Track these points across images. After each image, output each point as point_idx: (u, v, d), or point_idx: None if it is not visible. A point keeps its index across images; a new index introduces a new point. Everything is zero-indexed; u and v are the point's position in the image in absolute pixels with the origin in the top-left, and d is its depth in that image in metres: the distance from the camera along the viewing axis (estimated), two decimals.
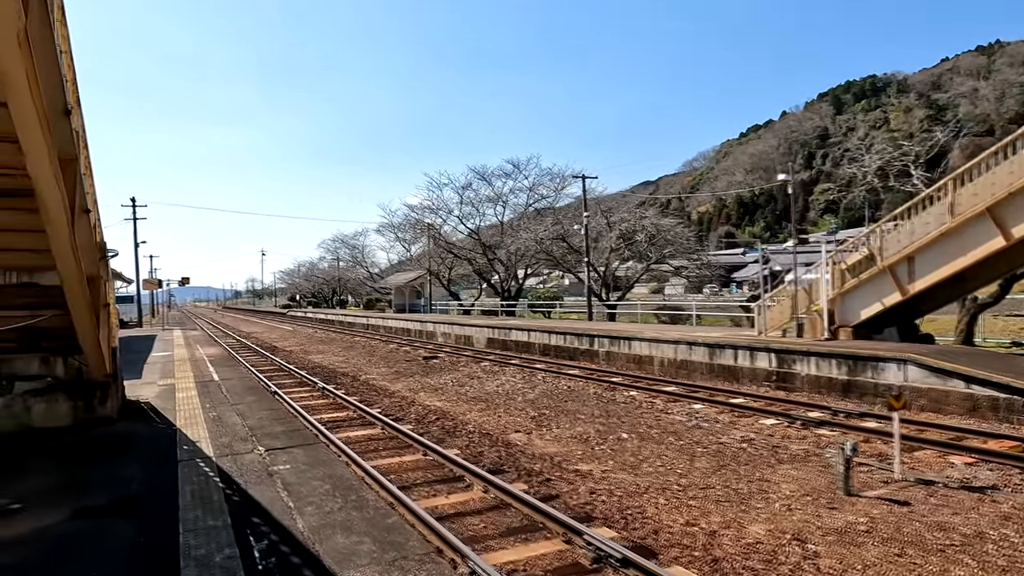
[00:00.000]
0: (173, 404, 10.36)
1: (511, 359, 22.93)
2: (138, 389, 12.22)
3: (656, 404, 13.84)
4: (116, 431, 8.27)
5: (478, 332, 29.30)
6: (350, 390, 16.95)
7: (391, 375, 20.28)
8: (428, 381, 18.61)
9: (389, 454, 9.95)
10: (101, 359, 7.93)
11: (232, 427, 8.35)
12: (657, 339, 18.47)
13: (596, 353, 21.04)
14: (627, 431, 11.37)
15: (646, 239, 28.97)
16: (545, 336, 24.02)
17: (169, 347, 24.75)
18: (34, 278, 7.39)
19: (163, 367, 16.68)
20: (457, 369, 21.08)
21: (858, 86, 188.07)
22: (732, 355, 15.93)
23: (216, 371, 15.50)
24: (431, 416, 13.07)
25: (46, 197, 5.37)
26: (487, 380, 18.25)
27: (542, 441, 10.87)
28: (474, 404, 14.59)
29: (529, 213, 39.68)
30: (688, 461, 9.31)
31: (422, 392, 16.69)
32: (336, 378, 19.56)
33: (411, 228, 48.36)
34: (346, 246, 72.51)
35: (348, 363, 24.20)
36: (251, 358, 24.77)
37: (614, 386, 16.20)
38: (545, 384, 17.11)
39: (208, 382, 13.21)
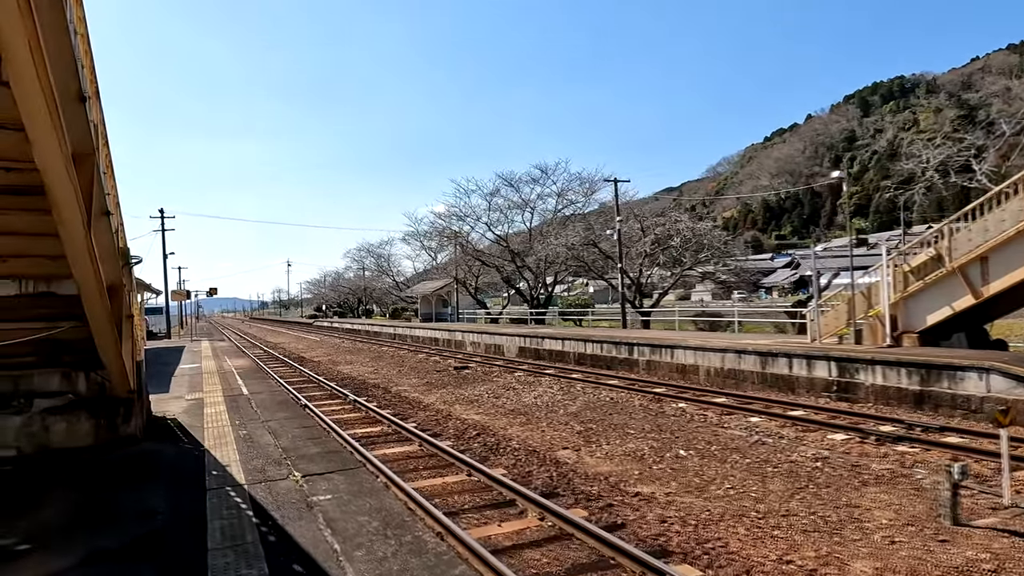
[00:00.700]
0: (201, 421, 9.76)
1: (545, 369, 22.13)
2: (165, 404, 11.67)
3: (709, 417, 12.94)
4: (140, 452, 7.66)
5: (509, 341, 28.55)
6: (382, 403, 16.30)
7: (423, 386, 19.61)
8: (462, 393, 17.89)
9: (431, 474, 9.22)
10: (124, 374, 7.32)
11: (264, 448, 7.69)
12: (702, 347, 17.54)
13: (636, 362, 20.15)
14: (684, 447, 10.51)
15: (681, 243, 28.02)
16: (580, 345, 23.18)
17: (197, 359, 24.39)
18: (51, 287, 6.82)
19: (191, 380, 16.19)
20: (490, 380, 20.33)
21: (885, 87, 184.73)
22: (787, 364, 14.96)
23: (245, 384, 14.95)
24: (470, 431, 12.32)
25: (57, 194, 4.74)
26: (523, 391, 17.47)
27: (593, 459, 10.06)
28: (513, 418, 13.83)
29: (558, 219, 38.90)
30: (760, 482, 8.43)
31: (457, 405, 15.97)
32: (367, 390, 18.94)
33: (437, 236, 47.86)
34: (371, 255, 72.41)
35: (378, 374, 23.60)
36: (280, 369, 24.31)
37: (660, 397, 15.32)
38: (586, 395, 16.27)
39: (237, 396, 12.63)
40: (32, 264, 6.55)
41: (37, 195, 5.15)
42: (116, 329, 6.83)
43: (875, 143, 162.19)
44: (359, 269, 76.82)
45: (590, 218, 34.19)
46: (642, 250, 29.51)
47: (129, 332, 7.86)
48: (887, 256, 14.95)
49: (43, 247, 6.17)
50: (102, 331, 6.49)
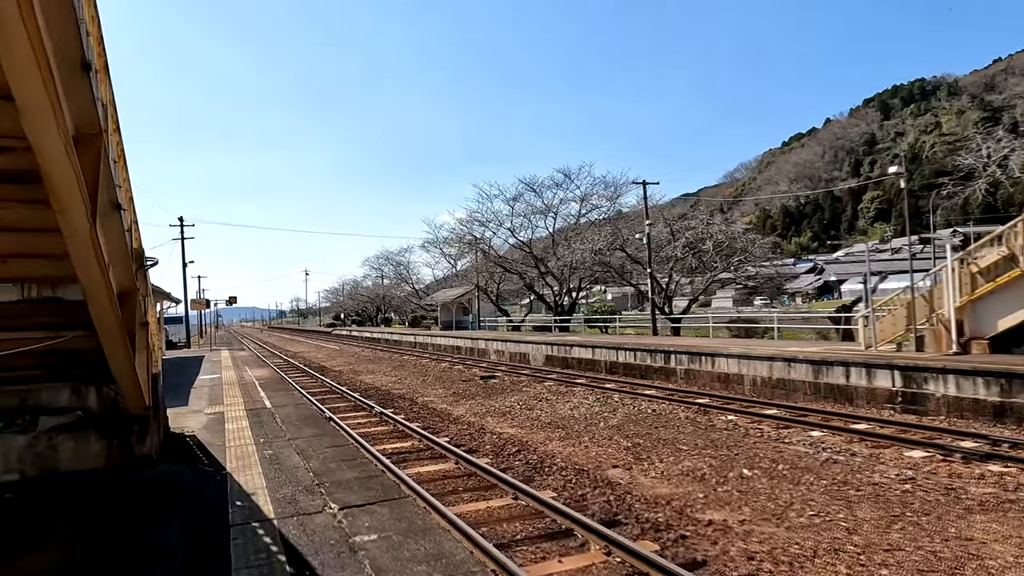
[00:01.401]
0: (222, 438, 8.99)
1: (576, 378, 21.21)
2: (184, 419, 10.93)
3: (765, 431, 11.96)
4: (156, 476, 6.89)
5: (535, 349, 27.66)
6: (410, 415, 15.50)
7: (450, 397, 18.78)
8: (492, 404, 17.04)
9: (472, 497, 8.37)
10: (138, 389, 6.56)
11: (293, 471, 6.89)
12: (747, 355, 16.54)
13: (673, 371, 19.17)
14: (747, 466, 9.56)
15: (713, 247, 27.01)
16: (612, 353, 22.24)
17: (217, 369, 23.77)
18: (57, 291, 6.08)
19: (211, 392, 15.49)
20: (520, 390, 19.45)
21: (906, 90, 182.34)
22: (843, 373, 13.93)
23: (267, 396, 14.21)
24: (508, 447, 11.45)
25: (55, 178, 3.98)
26: (557, 403, 16.57)
27: (648, 479, 9.15)
28: (551, 431, 12.95)
29: (581, 224, 37.98)
30: (846, 509, 7.48)
31: (488, 417, 15.12)
32: (392, 401, 18.15)
33: (458, 242, 47.15)
34: (390, 263, 71.90)
35: (401, 384, 22.83)
36: (301, 379, 23.62)
37: (705, 409, 14.35)
38: (625, 407, 15.34)
39: (260, 410, 11.87)
40: (35, 265, 5.81)
41: (38, 183, 4.40)
42: (129, 339, 6.06)
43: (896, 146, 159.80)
44: (378, 277, 76.42)
45: (617, 222, 33.22)
46: (672, 254, 28.50)
47: (144, 342, 7.10)
48: (952, 256, 13.87)
49: (46, 245, 5.43)
50: (112, 341, 5.73)
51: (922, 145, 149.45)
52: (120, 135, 6.10)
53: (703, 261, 28.38)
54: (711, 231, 27.30)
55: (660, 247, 29.80)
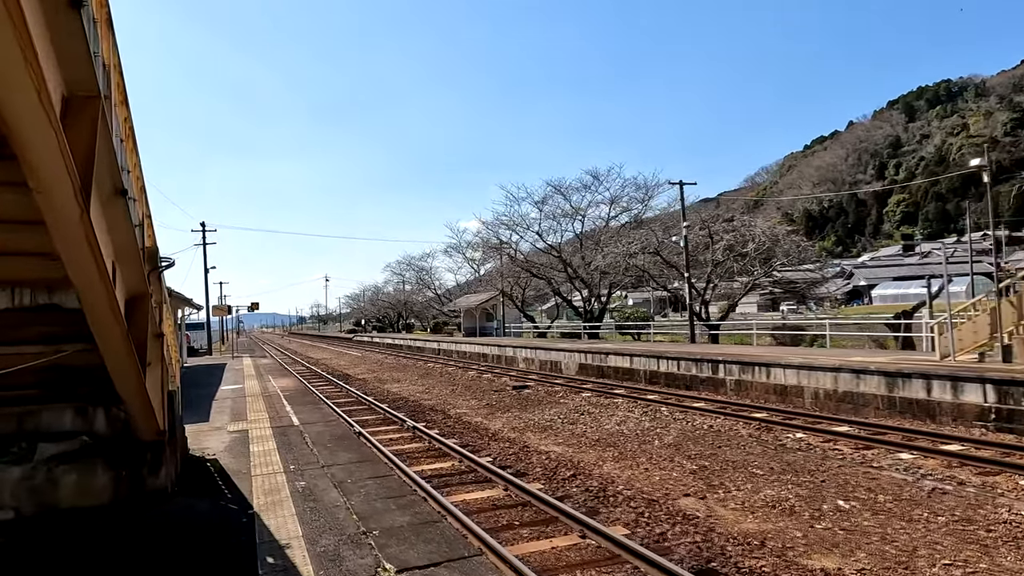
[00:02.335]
0: (247, 463, 7.98)
1: (615, 389, 20.03)
2: (204, 438, 9.96)
3: (846, 453, 10.72)
4: (170, 515, 5.87)
5: (567, 357, 26.49)
6: (444, 429, 14.44)
7: (484, 409, 17.70)
8: (530, 417, 15.92)
9: (531, 533, 7.27)
10: (150, 411, 5.56)
11: (332, 511, 5.82)
12: (808, 366, 15.26)
13: (722, 382, 17.91)
14: (840, 496, 8.35)
15: (755, 250, 25.66)
16: (652, 362, 21.02)
17: (239, 378, 22.93)
18: (55, 298, 5.10)
19: (234, 405, 14.56)
20: (557, 402, 18.32)
21: (931, 91, 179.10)
22: (923, 386, 12.62)
23: (294, 410, 13.23)
24: (560, 469, 10.32)
25: (27, 141, 2.95)
26: (601, 416, 15.42)
27: (729, 511, 7.98)
28: (602, 450, 11.81)
29: (611, 228, 36.76)
30: (984, 556, 6.26)
31: (529, 432, 14.00)
32: (423, 413, 17.12)
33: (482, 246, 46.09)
34: (412, 268, 71.09)
35: (430, 394, 21.80)
36: (326, 389, 22.70)
37: (768, 425, 13.12)
38: (677, 422, 14.15)
39: (287, 428, 10.86)
40: (26, 266, 4.82)
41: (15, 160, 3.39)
42: (138, 353, 5.05)
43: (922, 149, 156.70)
44: (399, 283, 75.68)
45: (650, 225, 31.94)
46: (711, 258, 27.17)
47: (158, 356, 6.10)
48: None
49: (38, 240, 4.40)
50: (116, 356, 4.73)
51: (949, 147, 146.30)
52: (129, 110, 5.09)
53: (744, 265, 27.04)
54: (753, 232, 25.97)
55: (696, 250, 28.53)
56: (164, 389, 6.35)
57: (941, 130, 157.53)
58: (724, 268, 27.68)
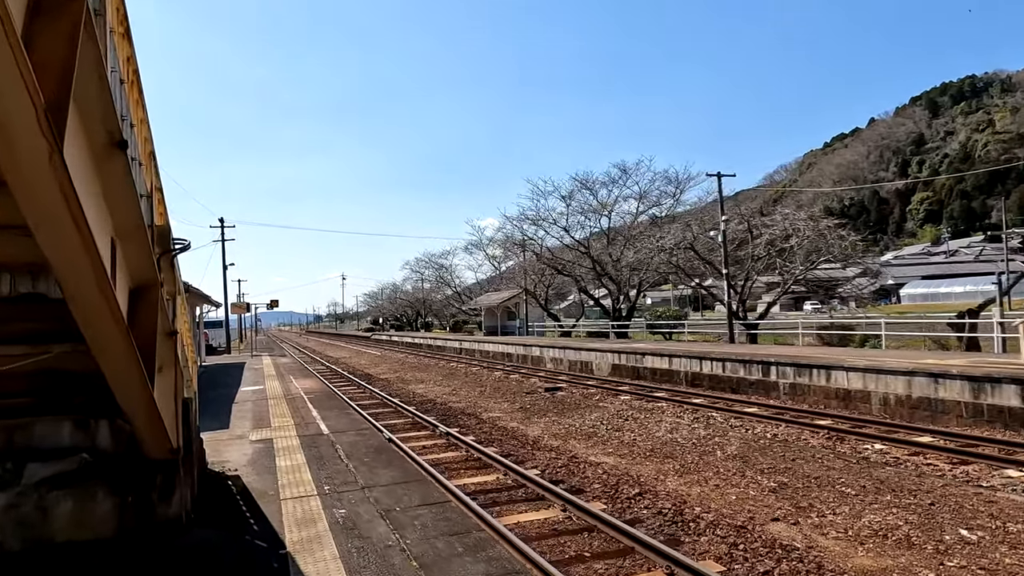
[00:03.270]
0: (274, 481, 6.94)
1: (654, 391, 18.87)
2: (225, 449, 8.95)
3: (942, 469, 9.49)
4: (184, 555, 4.83)
5: (599, 358, 25.32)
6: (480, 436, 13.38)
7: (518, 413, 16.60)
8: (570, 422, 14.81)
9: (607, 570, 6.14)
10: (159, 426, 4.52)
11: (384, 554, 4.73)
12: (876, 368, 13.99)
13: (774, 385, 16.67)
14: (960, 523, 7.15)
15: (797, 245, 24.29)
16: (694, 363, 19.80)
17: (260, 378, 22.05)
18: (39, 286, 4.05)
19: (255, 409, 13.59)
20: (596, 405, 17.18)
21: (955, 87, 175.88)
22: (1018, 392, 11.33)
23: (320, 415, 12.23)
24: (621, 486, 9.19)
25: None
26: (648, 423, 14.27)
27: (832, 541, 6.81)
28: (660, 462, 10.66)
29: (640, 223, 35.48)
30: None
31: (573, 440, 12.89)
32: (455, 417, 16.06)
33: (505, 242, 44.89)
34: (431, 266, 70.12)
35: (457, 395, 20.74)
36: (350, 391, 21.71)
37: (839, 435, 11.92)
38: (735, 430, 12.97)
39: (316, 437, 9.83)
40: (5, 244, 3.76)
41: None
42: (143, 357, 3.99)
43: (946, 146, 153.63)
44: (418, 280, 74.75)
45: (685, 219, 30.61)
46: (752, 253, 25.83)
47: (171, 359, 5.07)
48: None
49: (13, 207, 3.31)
50: (115, 359, 3.68)
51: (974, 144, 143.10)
52: (132, 48, 4.02)
53: (785, 260, 25.70)
54: (797, 226, 24.59)
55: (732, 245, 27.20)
56: (178, 398, 5.32)
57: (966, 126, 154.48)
58: (765, 264, 26.36)
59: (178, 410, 5.18)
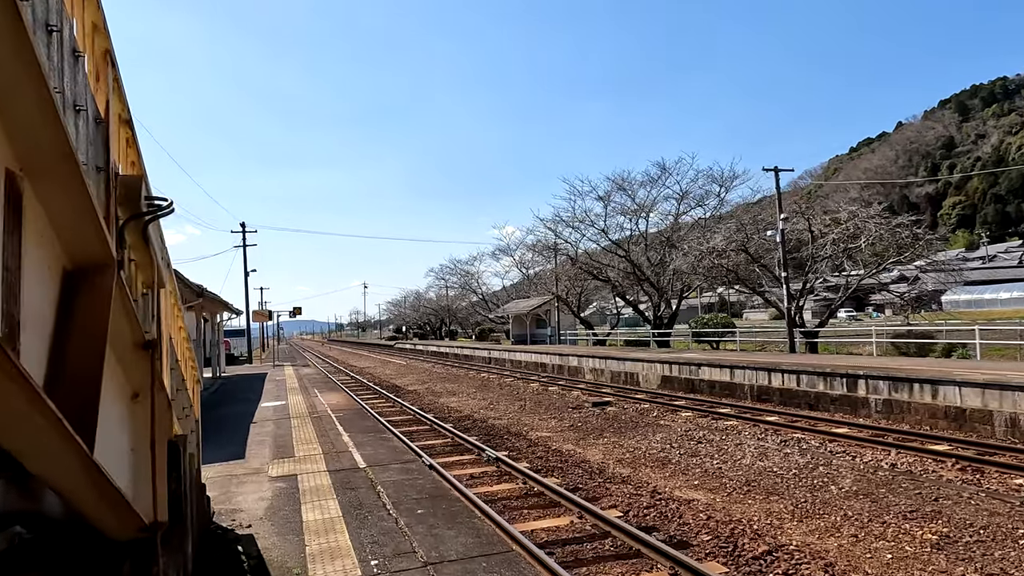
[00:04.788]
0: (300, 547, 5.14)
1: (717, 407, 16.89)
2: (237, 490, 7.18)
3: None
4: None
5: (646, 369, 23.33)
6: (535, 462, 11.54)
7: (569, 432, 14.72)
8: (633, 445, 12.91)
9: None
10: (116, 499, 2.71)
11: None
12: (998, 383, 11.91)
13: (863, 401, 14.61)
14: None
15: (867, 244, 22.10)
16: (761, 375, 17.77)
17: (282, 391, 20.40)
18: None
19: (277, 431, 11.87)
20: (656, 423, 15.24)
21: (986, 90, 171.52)
22: None
23: (353, 440, 10.46)
24: (736, 536, 7.26)
25: None
26: (727, 445, 12.32)
27: None
28: (764, 499, 8.73)
29: (681, 224, 33.39)
30: None
31: (644, 468, 10.99)
32: (500, 438, 14.24)
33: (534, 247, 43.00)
34: (456, 273, 68.45)
35: (496, 410, 18.90)
36: (380, 406, 19.98)
37: (973, 466, 9.87)
38: (837, 457, 10.97)
39: (351, 473, 8.00)
40: None
41: None
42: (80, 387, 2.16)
43: (977, 149, 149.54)
44: (442, 288, 73.10)
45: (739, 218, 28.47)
46: (810, 253, 23.64)
47: (146, 383, 3.28)
48: None
49: None
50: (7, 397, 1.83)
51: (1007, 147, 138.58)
52: None
53: (856, 261, 23.53)
54: (867, 225, 22.38)
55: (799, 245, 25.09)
56: (158, 441, 3.53)
57: (998, 129, 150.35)
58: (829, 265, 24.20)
59: (156, 460, 3.40)
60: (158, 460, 3.56)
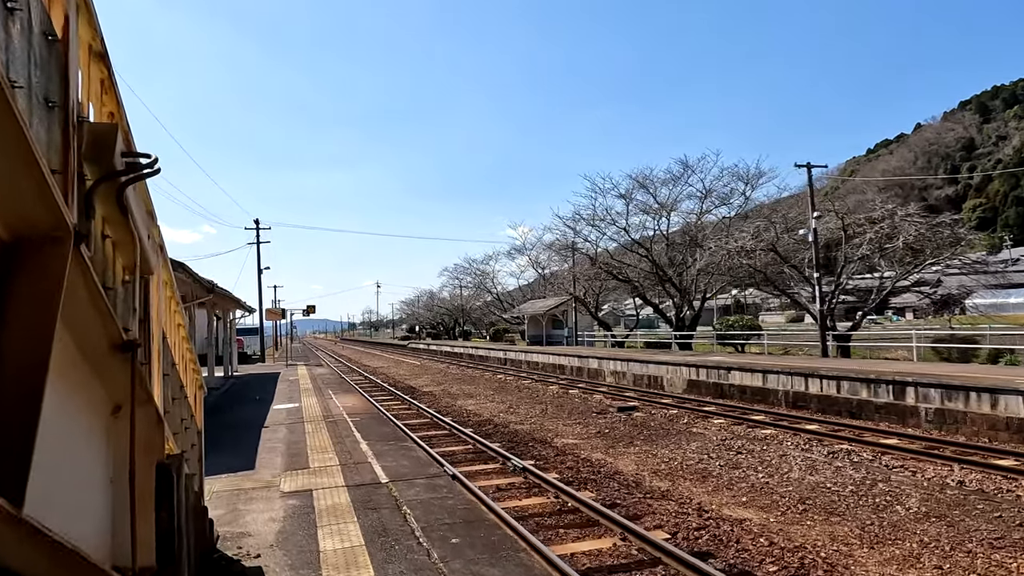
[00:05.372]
0: None
1: (749, 414, 16.04)
2: (246, 508, 6.45)
3: None
4: None
5: (671, 372, 22.47)
6: (565, 473, 10.77)
7: (597, 440, 13.92)
8: (667, 455, 12.08)
9: None
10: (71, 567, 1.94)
11: None
12: None
13: (912, 410, 13.69)
14: None
15: (904, 244, 21.09)
16: (797, 380, 16.87)
17: (295, 392, 19.74)
18: None
19: (290, 437, 11.16)
20: (688, 431, 14.40)
21: (1008, 91, 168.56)
22: None
23: (372, 450, 9.71)
24: (807, 568, 6.43)
25: None
26: (769, 457, 11.48)
27: None
28: (823, 520, 7.90)
29: (705, 223, 32.44)
30: None
31: (684, 481, 10.18)
32: (524, 445, 13.47)
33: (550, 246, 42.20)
34: (470, 272, 67.66)
35: (516, 414, 18.13)
36: (396, 408, 19.29)
37: None
38: (894, 471, 10.10)
39: (372, 489, 7.22)
40: None
41: None
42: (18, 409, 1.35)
43: (999, 151, 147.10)
44: (455, 287, 72.35)
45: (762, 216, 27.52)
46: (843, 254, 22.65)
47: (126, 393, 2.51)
48: None
49: None
50: None
51: None
52: None
53: (893, 262, 22.51)
54: (904, 224, 21.34)
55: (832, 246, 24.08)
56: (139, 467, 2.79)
57: (1020, 131, 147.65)
58: (865, 266, 23.18)
59: (136, 492, 2.65)
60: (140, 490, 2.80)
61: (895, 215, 22.49)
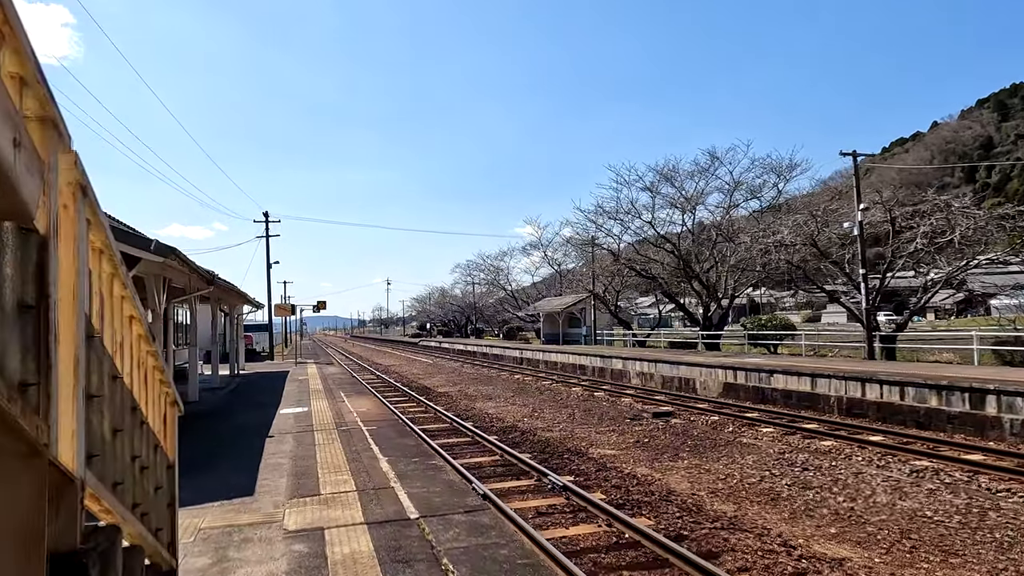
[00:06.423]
0: None
1: (798, 422, 14.62)
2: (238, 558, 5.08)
3: None
4: None
5: (703, 374, 21.03)
6: (611, 493, 9.41)
7: (637, 450, 12.54)
8: (723, 470, 10.68)
9: None
10: None
11: None
12: None
13: (993, 421, 12.22)
14: None
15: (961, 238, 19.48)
16: (852, 385, 15.41)
17: (304, 394, 18.43)
18: None
19: (297, 451, 9.81)
20: (737, 442, 12.99)
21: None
22: None
23: (394, 469, 8.37)
24: None
25: None
26: (843, 475, 10.05)
27: None
28: (942, 562, 6.53)
29: (734, 217, 30.89)
30: None
31: (751, 504, 8.78)
32: (557, 455, 12.11)
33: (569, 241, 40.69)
34: (483, 269, 66.19)
35: (542, 419, 16.76)
36: (412, 411, 17.94)
37: None
38: (1005, 499, 8.64)
39: (399, 528, 5.78)
40: None
41: None
42: None
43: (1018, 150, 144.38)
44: (468, 284, 70.95)
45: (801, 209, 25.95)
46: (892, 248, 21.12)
47: None
48: None
49: None
50: None
51: None
52: None
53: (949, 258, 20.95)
54: (958, 217, 19.77)
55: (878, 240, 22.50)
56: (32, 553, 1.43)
57: None
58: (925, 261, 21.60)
59: None
60: None
61: (951, 206, 20.94)
